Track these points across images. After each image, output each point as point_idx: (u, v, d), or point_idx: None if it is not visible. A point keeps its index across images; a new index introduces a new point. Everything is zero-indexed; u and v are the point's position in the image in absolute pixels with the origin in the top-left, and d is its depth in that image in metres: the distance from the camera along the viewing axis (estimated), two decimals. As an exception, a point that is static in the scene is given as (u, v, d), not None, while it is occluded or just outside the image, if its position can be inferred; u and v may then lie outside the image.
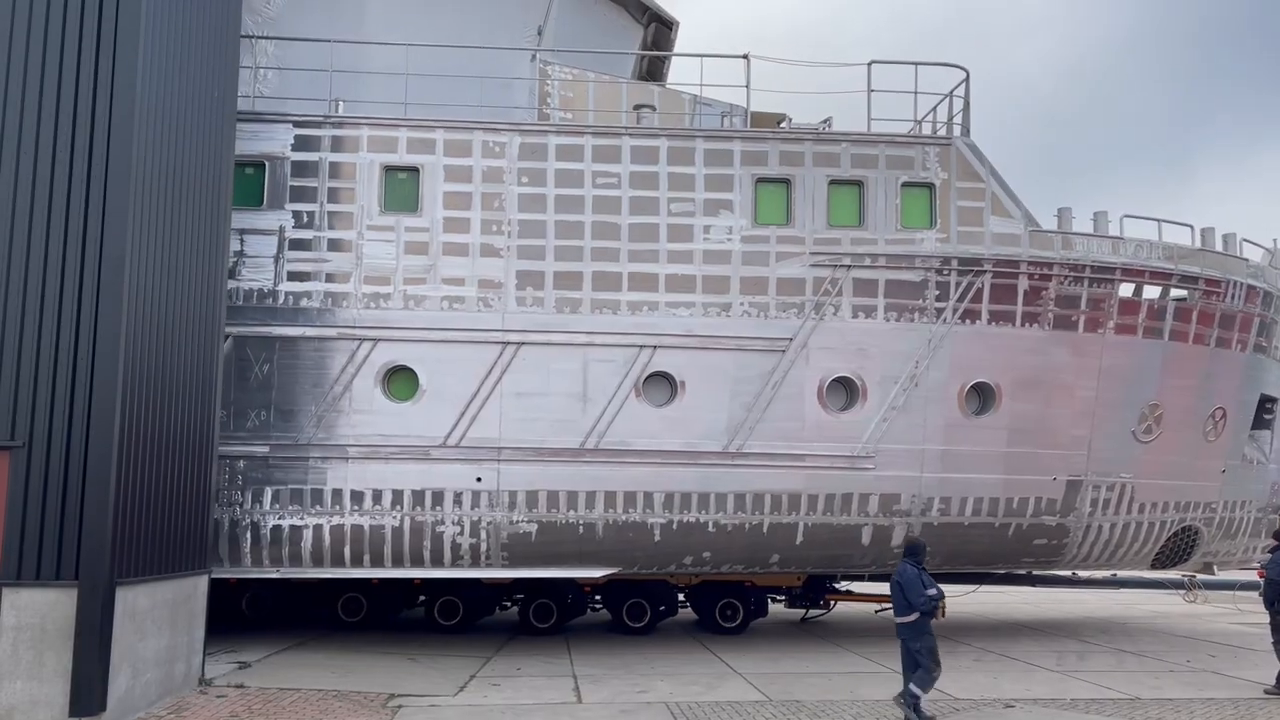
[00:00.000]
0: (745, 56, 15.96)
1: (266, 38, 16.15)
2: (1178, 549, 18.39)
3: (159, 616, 11.45)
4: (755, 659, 15.34)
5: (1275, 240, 19.58)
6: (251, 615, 17.95)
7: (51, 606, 10.18)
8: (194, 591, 12.48)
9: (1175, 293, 16.96)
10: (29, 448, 10.34)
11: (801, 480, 15.44)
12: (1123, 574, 22.36)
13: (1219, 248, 17.60)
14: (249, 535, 14.65)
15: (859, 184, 15.76)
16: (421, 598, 18.78)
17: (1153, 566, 18.84)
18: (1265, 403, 19.26)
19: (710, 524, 15.32)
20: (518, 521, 14.99)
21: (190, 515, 12.28)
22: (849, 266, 15.56)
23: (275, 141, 15.13)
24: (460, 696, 12.48)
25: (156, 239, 11.37)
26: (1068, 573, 20.23)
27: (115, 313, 10.52)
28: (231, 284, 14.81)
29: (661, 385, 15.36)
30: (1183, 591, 25.66)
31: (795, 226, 15.59)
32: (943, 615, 11.08)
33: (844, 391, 15.68)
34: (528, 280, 15.17)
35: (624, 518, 15.15)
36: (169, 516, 11.70)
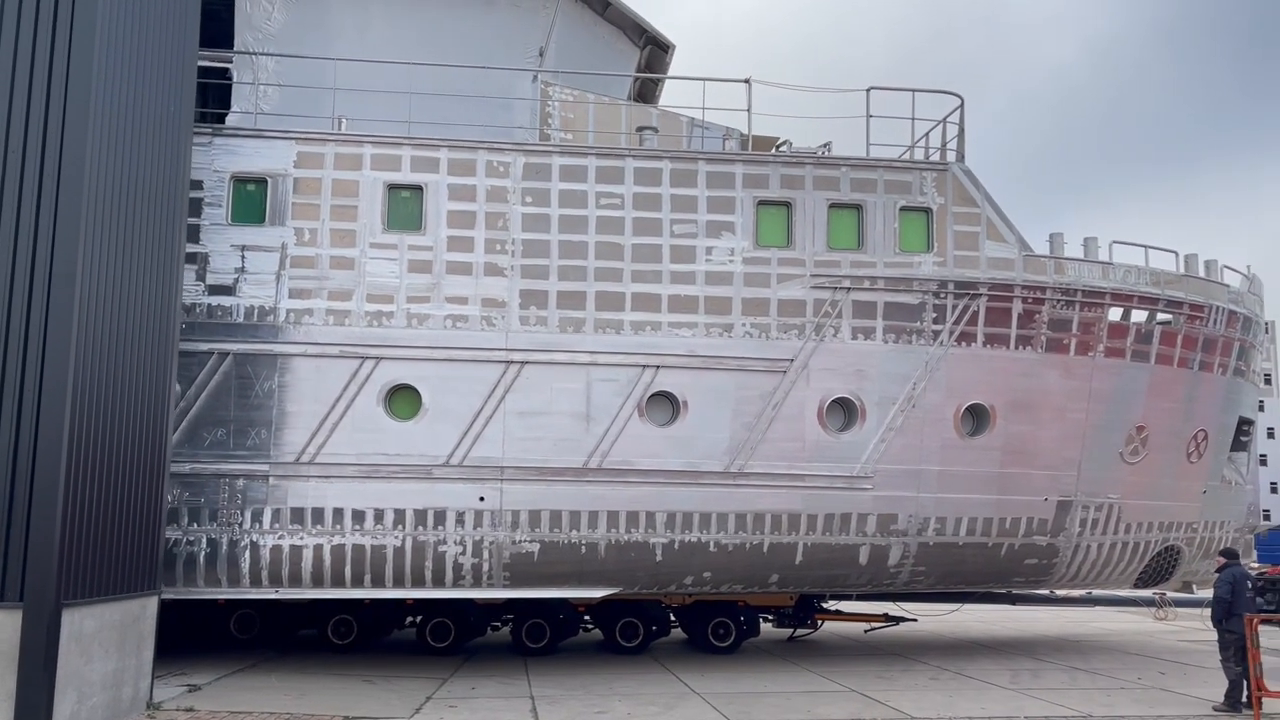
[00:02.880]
0: (747, 81, 16.17)
1: (268, 54, 16.07)
2: (1160, 568, 18.75)
3: (106, 639, 11.28)
4: (714, 679, 15.33)
5: (1249, 267, 20.18)
6: (240, 636, 17.69)
7: (-5, 629, 9.98)
8: (142, 613, 12.29)
9: (1161, 317, 17.37)
10: None
11: (801, 500, 15.57)
12: (1096, 592, 22.73)
13: (1201, 273, 18.07)
14: (248, 555, 14.46)
15: (858, 207, 16.00)
16: (410, 619, 18.66)
17: (1135, 585, 19.20)
18: (1243, 425, 19.75)
19: (711, 544, 15.38)
20: (520, 541, 14.95)
21: (140, 535, 12.11)
22: (849, 289, 15.78)
23: (277, 158, 15.06)
24: (416, 718, 12.35)
25: (108, 256, 11.25)
26: (1045, 591, 20.55)
27: (65, 331, 10.38)
28: (232, 301, 14.75)
29: (664, 405, 15.43)
30: (1154, 609, 26.20)
31: (796, 249, 15.78)
32: None
33: (843, 412, 15.85)
34: (531, 299, 15.20)
35: (626, 537, 15.17)
36: (118, 537, 11.53)
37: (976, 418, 16.30)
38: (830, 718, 12.62)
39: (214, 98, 16.86)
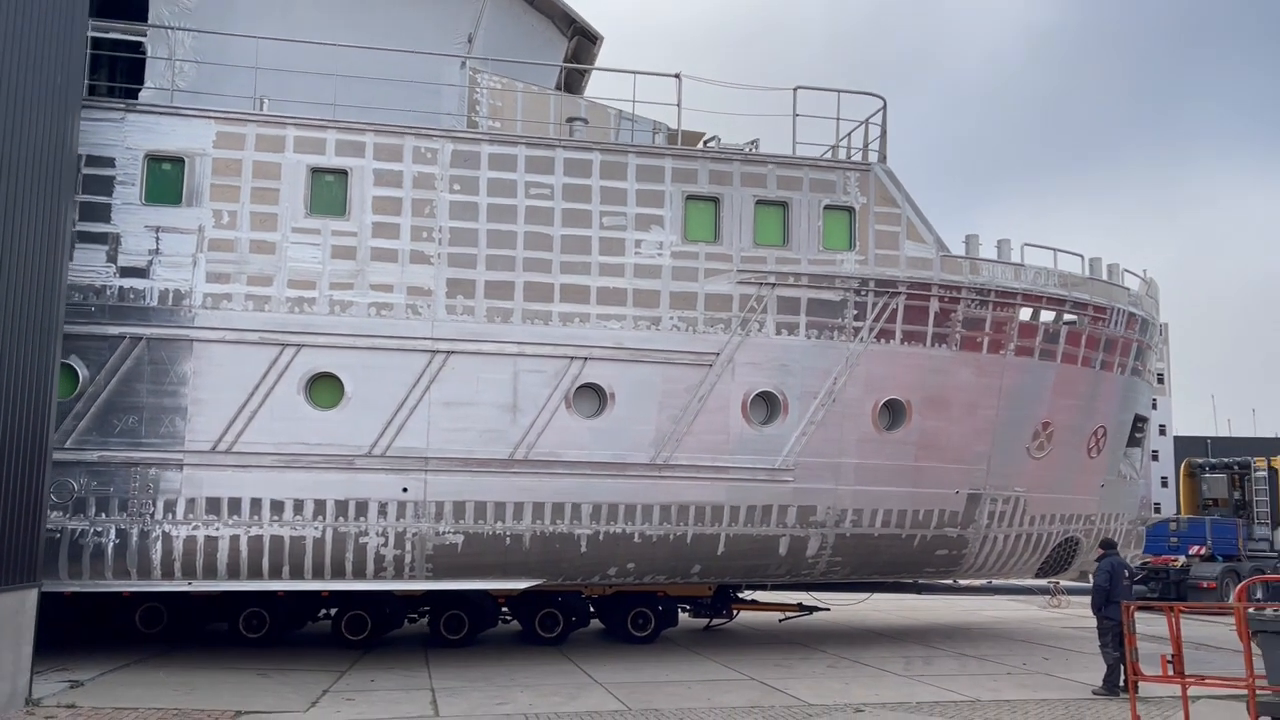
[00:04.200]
0: (676, 76, 16.25)
1: (186, 29, 15.51)
2: (1060, 559, 19.56)
3: (-20, 634, 10.87)
4: (616, 669, 15.43)
5: (1145, 270, 21.16)
6: (147, 631, 17.08)
7: None
8: (21, 606, 11.85)
9: (1067, 317, 18.08)
10: None
11: (724, 492, 15.76)
12: (996, 581, 23.58)
13: (1105, 276, 18.85)
14: (159, 546, 14.00)
15: (784, 205, 16.25)
16: (324, 611, 18.29)
17: (1036, 575, 19.99)
18: (1138, 422, 20.72)
19: (636, 535, 15.47)
20: (444, 533, 14.80)
21: (17, 526, 11.68)
22: (774, 284, 16.01)
23: (195, 137, 14.58)
24: (312, 712, 12.12)
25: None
26: (951, 580, 21.23)
27: None
28: (145, 284, 14.26)
29: (591, 397, 15.44)
30: (1047, 596, 27.29)
31: (723, 244, 15.95)
32: None
33: (766, 406, 16.09)
34: (458, 288, 15.03)
35: (551, 529, 15.15)
36: (-8, 527, 11.09)
37: (893, 412, 16.73)
38: (729, 705, 12.83)
39: (126, 73, 16.22)
